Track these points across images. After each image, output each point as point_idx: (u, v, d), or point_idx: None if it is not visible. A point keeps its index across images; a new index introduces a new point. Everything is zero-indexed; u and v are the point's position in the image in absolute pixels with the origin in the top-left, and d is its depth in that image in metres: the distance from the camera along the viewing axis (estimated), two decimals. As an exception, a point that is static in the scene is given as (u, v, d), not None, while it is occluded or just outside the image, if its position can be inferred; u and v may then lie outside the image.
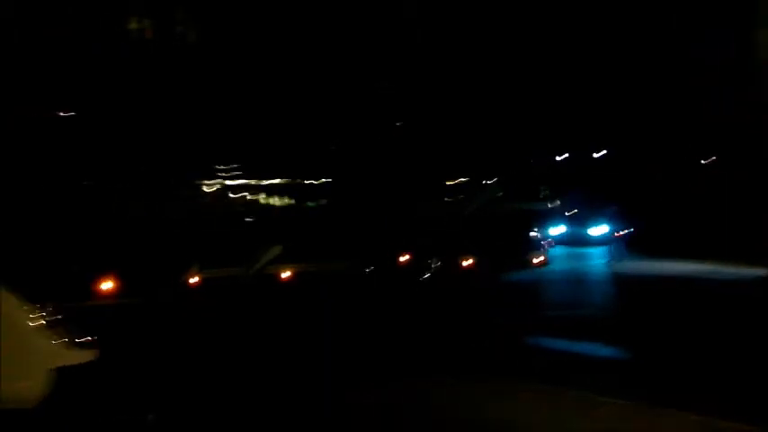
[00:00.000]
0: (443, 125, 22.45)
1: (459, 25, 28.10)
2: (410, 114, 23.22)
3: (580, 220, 28.80)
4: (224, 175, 17.27)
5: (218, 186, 16.88)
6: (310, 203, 18.07)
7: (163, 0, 25.50)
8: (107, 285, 13.83)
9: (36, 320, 3.92)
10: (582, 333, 11.65)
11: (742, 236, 21.83)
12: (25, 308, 3.98)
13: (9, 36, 21.56)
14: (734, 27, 30.59)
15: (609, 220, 23.73)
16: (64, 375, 3.81)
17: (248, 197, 17.23)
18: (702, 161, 31.64)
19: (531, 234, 19.18)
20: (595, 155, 36.10)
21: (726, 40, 30.17)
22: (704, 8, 31.40)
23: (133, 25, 25.72)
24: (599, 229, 27.14)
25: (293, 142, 19.27)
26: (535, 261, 18.82)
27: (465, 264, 17.44)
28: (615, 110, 33.29)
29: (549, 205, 21.60)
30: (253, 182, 17.72)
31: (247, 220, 16.22)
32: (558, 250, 26.69)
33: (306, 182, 18.46)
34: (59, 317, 4.39)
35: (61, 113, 15.08)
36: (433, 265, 17.46)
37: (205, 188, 16.79)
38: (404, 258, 17.10)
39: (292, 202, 17.83)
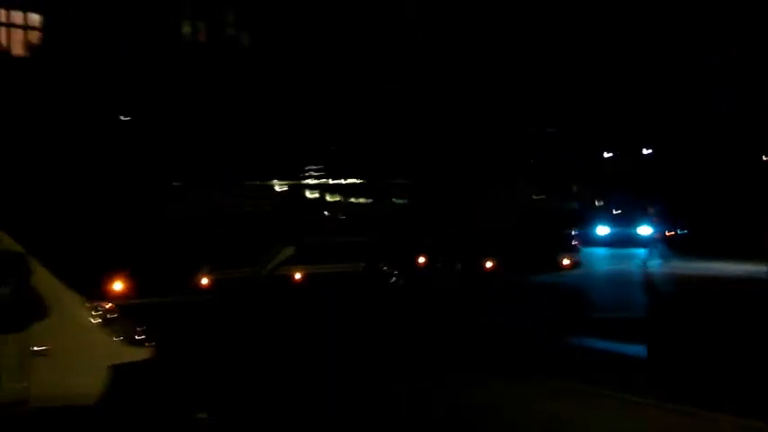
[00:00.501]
0: (463, 126, 21.81)
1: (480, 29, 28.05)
2: (430, 116, 22.95)
3: (626, 221, 28.17)
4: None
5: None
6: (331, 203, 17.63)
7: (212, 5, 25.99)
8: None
9: (96, 319, 3.99)
10: (615, 334, 11.32)
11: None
12: (87, 306, 4.05)
13: (65, 40, 22.16)
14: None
15: (655, 221, 23.00)
16: (121, 373, 3.86)
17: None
18: (765, 157, 30.72)
19: (560, 235, 18.09)
20: (645, 151, 35.36)
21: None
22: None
23: (186, 29, 26.21)
24: (645, 230, 26.40)
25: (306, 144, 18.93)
26: (564, 263, 17.72)
27: (487, 266, 16.68)
28: (656, 110, 32.66)
29: (593, 204, 20.71)
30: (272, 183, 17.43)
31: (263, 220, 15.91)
32: (603, 251, 25.85)
33: (318, 182, 17.96)
34: (117, 315, 4.46)
35: (121, 117, 15.32)
36: (453, 267, 16.77)
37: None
38: (421, 260, 16.33)
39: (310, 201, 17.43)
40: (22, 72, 21.67)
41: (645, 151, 35.65)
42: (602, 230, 29.77)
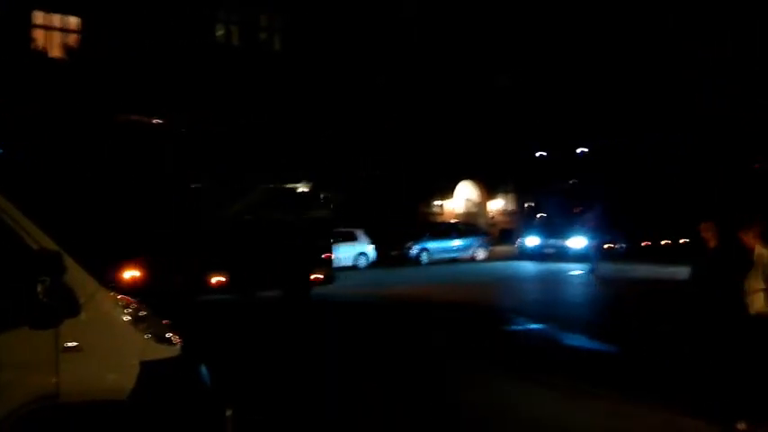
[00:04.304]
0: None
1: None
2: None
3: (553, 230, 24.80)
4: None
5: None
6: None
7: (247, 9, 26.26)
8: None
9: (126, 316, 4.08)
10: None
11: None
12: (118, 303, 4.15)
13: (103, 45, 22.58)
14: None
15: (587, 230, 21.25)
16: (148, 369, 3.94)
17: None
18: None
19: (308, 247, 15.89)
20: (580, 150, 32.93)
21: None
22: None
23: (220, 32, 26.54)
24: (576, 241, 23.28)
25: None
26: (313, 277, 15.77)
27: (215, 280, 14.34)
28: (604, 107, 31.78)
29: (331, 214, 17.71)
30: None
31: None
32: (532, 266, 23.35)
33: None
34: (146, 313, 4.55)
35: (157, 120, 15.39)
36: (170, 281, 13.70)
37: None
38: (132, 274, 13.22)
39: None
40: (59, 73, 22.15)
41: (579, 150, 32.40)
42: (532, 241, 25.88)
